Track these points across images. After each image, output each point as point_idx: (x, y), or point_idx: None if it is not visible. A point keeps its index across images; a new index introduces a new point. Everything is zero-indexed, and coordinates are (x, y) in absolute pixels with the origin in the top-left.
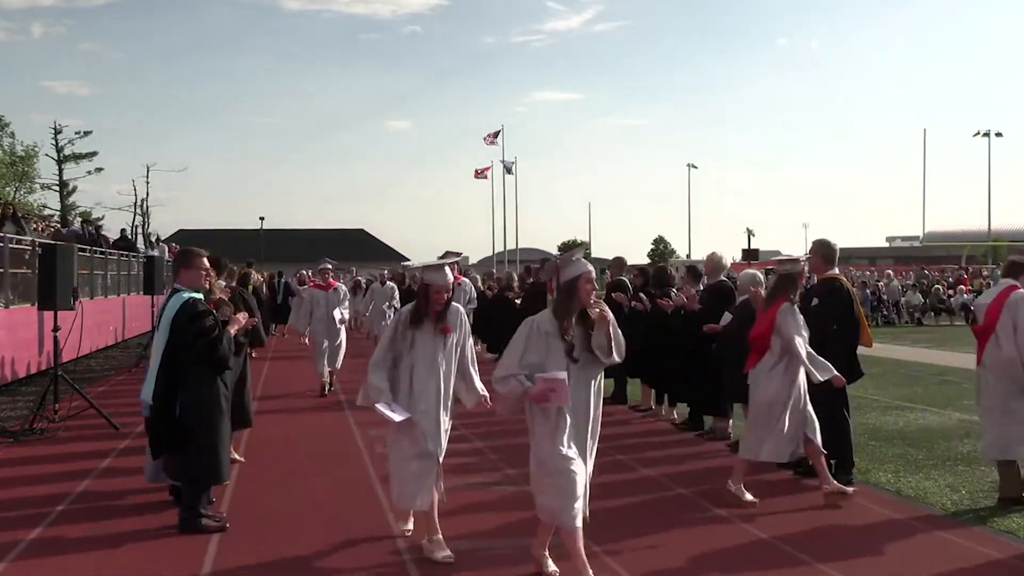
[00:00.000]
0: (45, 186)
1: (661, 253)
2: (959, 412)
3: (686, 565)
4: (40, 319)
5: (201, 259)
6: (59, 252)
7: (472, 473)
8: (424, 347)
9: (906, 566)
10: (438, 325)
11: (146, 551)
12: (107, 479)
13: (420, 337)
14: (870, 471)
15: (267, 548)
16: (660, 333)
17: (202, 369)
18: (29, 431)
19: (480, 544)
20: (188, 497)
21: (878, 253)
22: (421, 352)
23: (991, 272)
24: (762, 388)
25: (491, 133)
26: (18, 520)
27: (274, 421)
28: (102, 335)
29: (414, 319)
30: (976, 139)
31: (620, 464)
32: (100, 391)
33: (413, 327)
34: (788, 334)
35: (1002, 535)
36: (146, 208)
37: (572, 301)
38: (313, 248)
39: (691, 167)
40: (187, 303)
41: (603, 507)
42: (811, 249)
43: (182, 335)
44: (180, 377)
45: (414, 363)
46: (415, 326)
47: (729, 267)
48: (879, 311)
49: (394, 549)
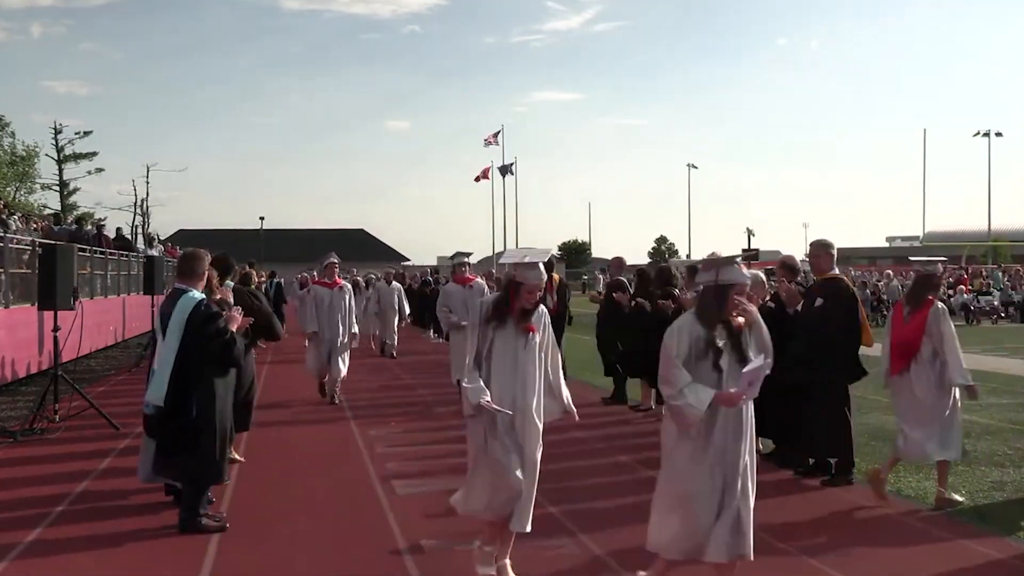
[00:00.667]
0: (45, 186)
1: (663, 253)
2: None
3: (686, 564)
4: (40, 319)
5: (207, 264)
6: (59, 252)
7: None
8: (504, 348)
9: (906, 566)
10: (521, 324)
11: (146, 551)
12: (107, 479)
13: (500, 338)
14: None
15: (267, 548)
16: (661, 333)
17: (212, 369)
18: (29, 431)
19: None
20: (188, 497)
21: (878, 253)
22: (499, 354)
23: (991, 272)
24: (920, 391)
25: (491, 134)
26: (18, 520)
27: (274, 422)
28: (102, 335)
29: (496, 317)
30: (976, 139)
31: (620, 464)
32: (100, 391)
33: (494, 327)
34: (944, 335)
35: (1002, 535)
36: (146, 208)
37: (719, 307)
38: (313, 248)
39: (691, 167)
40: (200, 305)
41: (603, 507)
42: (815, 249)
43: (197, 336)
44: (193, 378)
45: (491, 367)
46: (498, 326)
47: None
48: (879, 311)
49: (394, 549)
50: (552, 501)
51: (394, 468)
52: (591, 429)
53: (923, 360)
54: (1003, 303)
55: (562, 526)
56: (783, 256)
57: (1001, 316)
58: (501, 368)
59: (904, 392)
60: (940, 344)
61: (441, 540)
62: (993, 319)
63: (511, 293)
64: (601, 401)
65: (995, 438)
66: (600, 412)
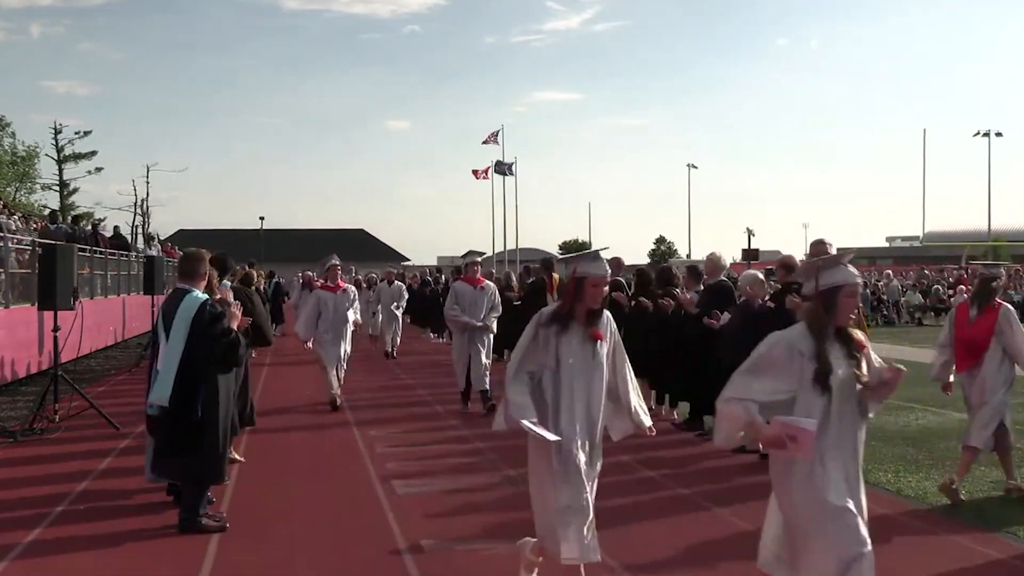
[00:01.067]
0: (45, 186)
1: (663, 253)
2: (959, 412)
3: (686, 565)
4: (40, 319)
5: (208, 264)
6: (59, 252)
7: (472, 473)
8: (570, 358)
9: (906, 566)
10: (588, 329)
11: (146, 551)
12: (107, 479)
13: (565, 345)
14: (870, 471)
15: (267, 548)
16: (661, 333)
17: (215, 369)
18: (29, 431)
19: (480, 544)
20: (189, 497)
21: (878, 253)
22: (566, 365)
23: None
24: (987, 387)
25: (491, 133)
26: (18, 520)
27: (274, 422)
28: (102, 335)
29: (559, 320)
30: (976, 139)
31: (620, 464)
32: (100, 391)
33: (557, 332)
34: (1015, 332)
35: (1002, 535)
36: (146, 208)
37: (829, 315)
38: (313, 248)
39: (691, 167)
40: (205, 305)
41: (603, 507)
42: (818, 248)
43: (203, 337)
44: (198, 378)
45: (558, 379)
46: (560, 331)
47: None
48: (879, 311)
49: (394, 549)
50: None
51: (394, 468)
52: None
53: (991, 357)
54: None
55: None
56: (782, 256)
57: None
58: (568, 383)
59: (974, 389)
60: (1011, 341)
61: (441, 540)
62: None
63: (574, 293)
64: None
65: None
66: None
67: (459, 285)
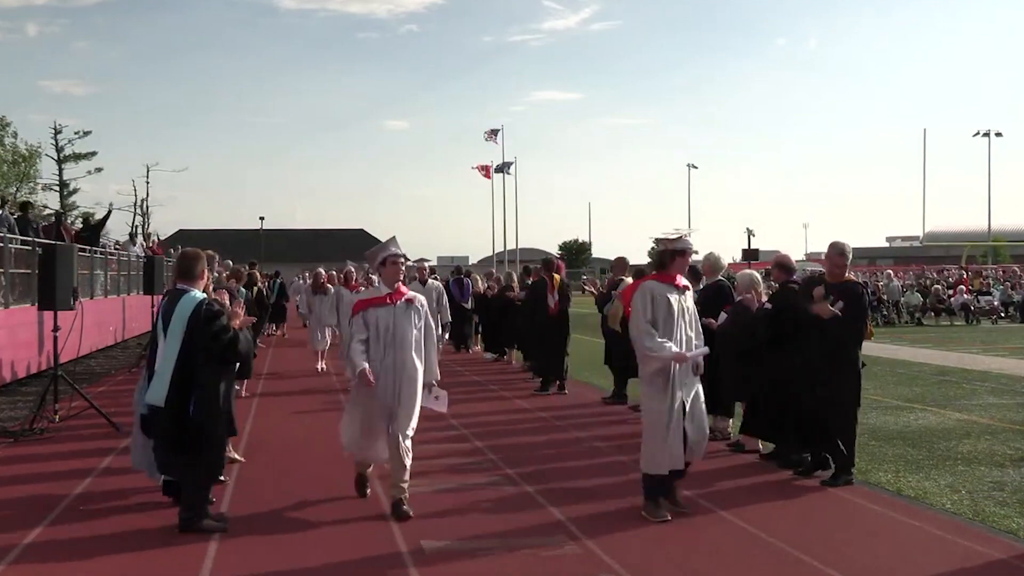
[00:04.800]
0: (46, 186)
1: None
2: (959, 412)
3: (686, 565)
4: (40, 319)
5: (205, 264)
6: (59, 252)
7: (472, 473)
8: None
9: (906, 566)
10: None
11: (146, 551)
12: (107, 479)
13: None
14: (870, 471)
15: (267, 548)
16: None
17: (212, 369)
18: (29, 431)
19: (480, 544)
20: (189, 497)
21: (878, 253)
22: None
23: (991, 272)
24: None
25: (491, 130)
26: (18, 520)
27: (274, 421)
28: (102, 335)
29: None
30: (976, 139)
31: (620, 464)
32: (100, 391)
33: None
34: None
35: (1002, 535)
36: (146, 208)
37: None
38: (313, 248)
39: (691, 167)
40: (202, 304)
41: (603, 507)
42: (837, 250)
43: (200, 336)
44: (195, 378)
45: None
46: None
47: (727, 267)
48: (879, 311)
49: (395, 549)
50: (552, 501)
51: None
52: (591, 429)
53: None
54: (1003, 303)
55: (562, 526)
56: (778, 255)
57: (1001, 316)
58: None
59: None
60: None
61: (441, 540)
62: (993, 319)
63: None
64: (601, 401)
65: (995, 438)
66: (600, 412)
67: None
